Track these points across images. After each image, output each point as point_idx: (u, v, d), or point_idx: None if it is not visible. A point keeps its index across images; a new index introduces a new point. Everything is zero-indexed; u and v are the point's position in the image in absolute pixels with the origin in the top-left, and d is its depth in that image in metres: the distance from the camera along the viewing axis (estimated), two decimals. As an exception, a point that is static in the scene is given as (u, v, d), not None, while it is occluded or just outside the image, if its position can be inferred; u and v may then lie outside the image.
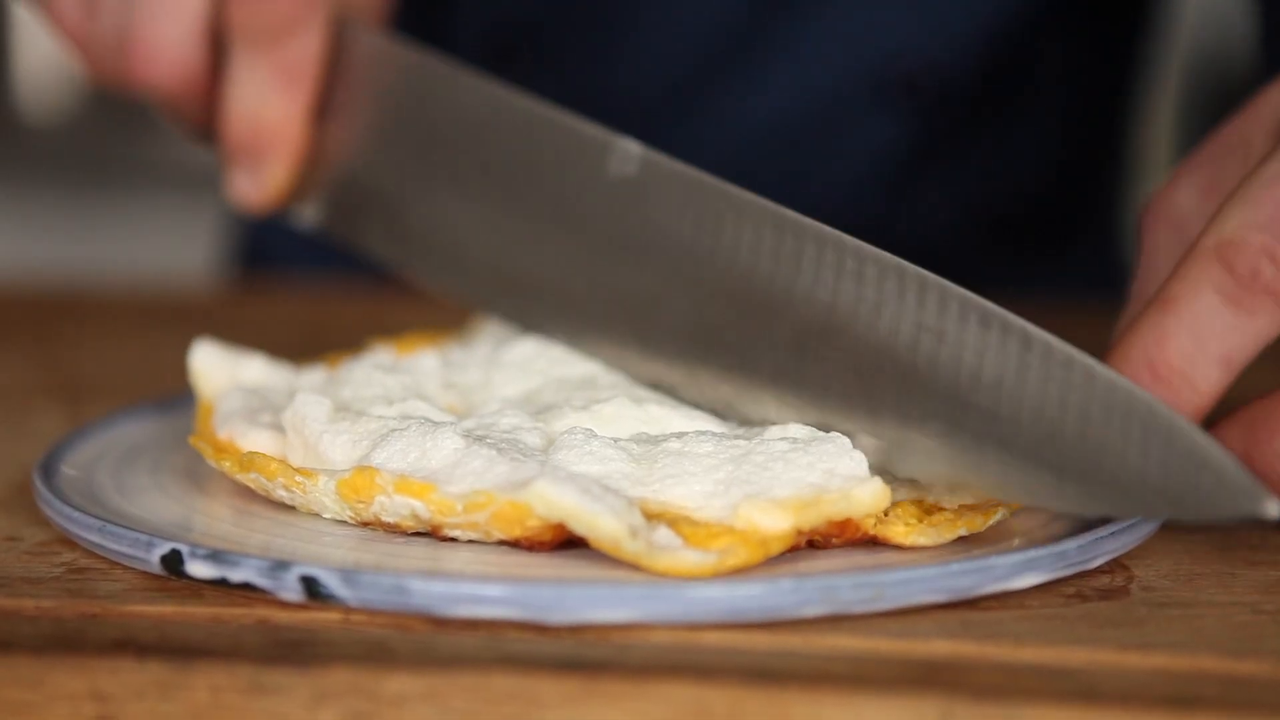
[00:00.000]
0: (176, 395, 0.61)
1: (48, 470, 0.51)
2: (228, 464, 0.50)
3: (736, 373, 0.50)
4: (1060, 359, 0.43)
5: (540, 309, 0.56)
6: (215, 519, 0.49)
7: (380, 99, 0.62)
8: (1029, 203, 0.94)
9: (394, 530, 0.47)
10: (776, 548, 0.44)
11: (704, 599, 0.41)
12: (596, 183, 0.53)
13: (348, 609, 0.42)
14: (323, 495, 0.48)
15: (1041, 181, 0.95)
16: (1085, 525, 0.47)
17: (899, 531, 0.46)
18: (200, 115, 0.65)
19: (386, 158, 0.61)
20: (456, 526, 0.46)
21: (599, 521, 0.43)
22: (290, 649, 0.41)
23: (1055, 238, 0.96)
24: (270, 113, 0.62)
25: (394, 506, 0.46)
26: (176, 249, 1.81)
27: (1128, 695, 0.39)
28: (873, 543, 0.46)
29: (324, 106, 0.63)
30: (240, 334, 0.66)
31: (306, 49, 0.62)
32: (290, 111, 0.62)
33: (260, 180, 0.64)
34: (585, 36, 0.88)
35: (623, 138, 0.53)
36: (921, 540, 0.46)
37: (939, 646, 0.41)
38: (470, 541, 0.46)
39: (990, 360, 0.44)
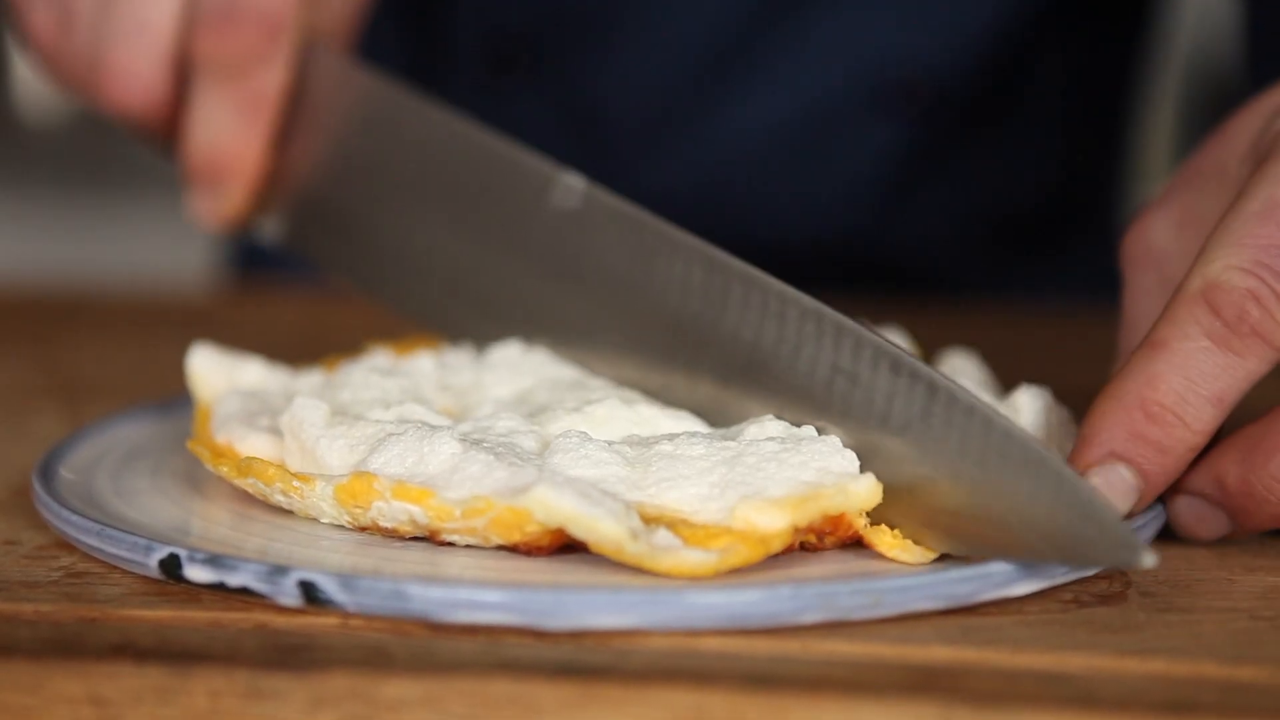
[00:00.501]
0: (175, 397, 0.61)
1: (46, 473, 0.51)
2: (226, 469, 0.50)
3: (664, 400, 0.53)
4: (963, 407, 0.45)
5: (486, 329, 0.58)
6: (214, 523, 0.49)
7: (340, 122, 0.63)
8: (1029, 206, 0.94)
9: (391, 535, 0.47)
10: (776, 545, 0.44)
11: (703, 605, 0.41)
12: (540, 213, 0.56)
13: (346, 614, 0.42)
14: (320, 500, 0.48)
15: (1042, 184, 0.95)
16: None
17: (885, 541, 0.46)
18: (164, 136, 0.66)
19: (344, 178, 0.63)
20: (454, 531, 0.46)
21: (600, 525, 0.43)
22: (288, 654, 0.41)
23: (1055, 239, 0.96)
24: (230, 141, 0.64)
25: (392, 511, 0.46)
26: (175, 251, 1.81)
27: (1126, 701, 0.39)
28: (860, 545, 0.46)
29: (286, 127, 0.65)
30: (240, 337, 0.66)
31: (270, 81, 0.63)
32: (250, 141, 0.64)
33: (219, 203, 0.65)
34: (584, 43, 0.88)
35: (567, 172, 0.55)
36: (903, 556, 0.45)
37: (938, 652, 0.41)
38: (468, 546, 0.46)
39: (899, 405, 0.46)
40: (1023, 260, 0.95)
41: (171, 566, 0.44)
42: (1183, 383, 0.46)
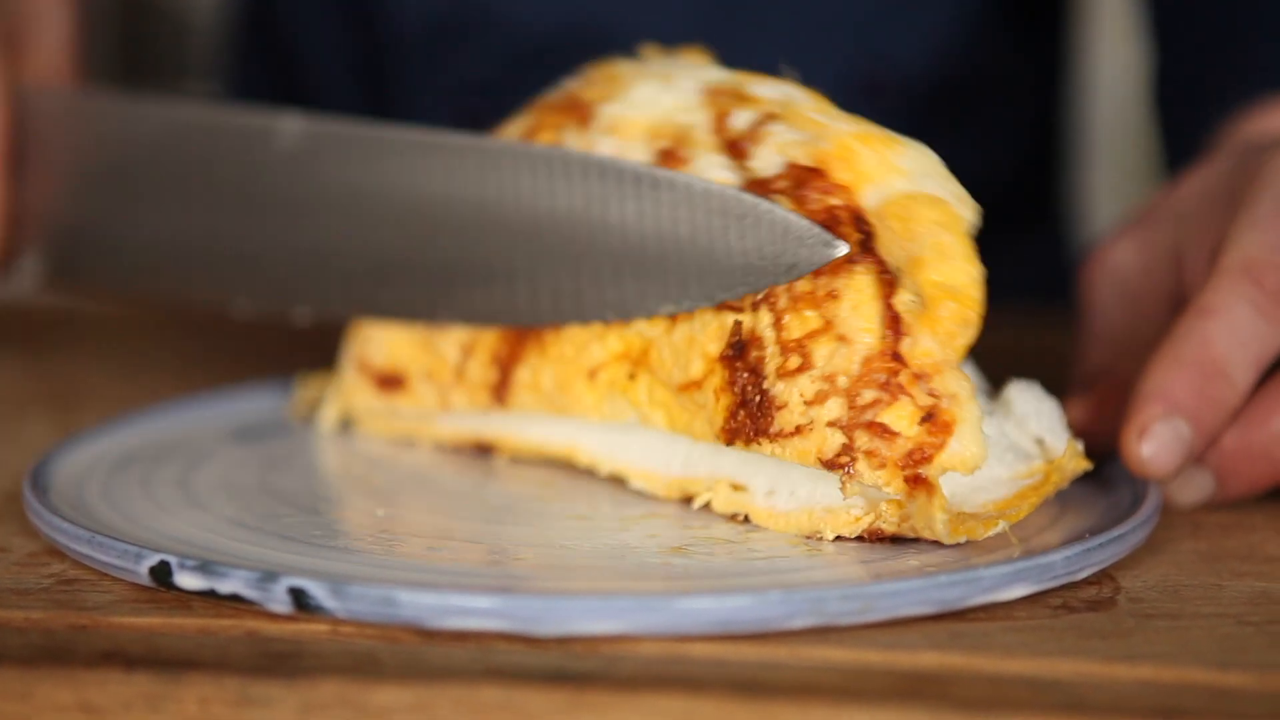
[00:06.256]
0: (166, 405, 0.61)
1: (38, 481, 0.51)
2: None
3: (414, 285, 0.56)
4: (664, 182, 0.51)
5: (244, 287, 0.61)
6: (204, 530, 0.49)
7: (75, 147, 0.66)
8: (990, 195, 0.95)
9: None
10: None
11: (692, 610, 0.42)
12: (270, 161, 0.59)
13: (336, 621, 0.42)
14: None
15: (1001, 175, 0.96)
16: (1074, 537, 0.47)
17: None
18: None
19: (92, 199, 0.65)
20: None
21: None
22: (278, 661, 0.41)
23: (1012, 230, 0.97)
24: None
25: None
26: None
27: (1114, 707, 0.39)
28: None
29: (23, 166, 0.67)
30: (237, 341, 0.66)
31: None
32: None
33: None
34: (551, 79, 0.89)
35: (283, 117, 0.58)
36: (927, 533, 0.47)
37: (926, 658, 0.41)
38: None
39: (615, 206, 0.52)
40: (983, 250, 0.95)
41: (162, 573, 0.44)
42: (1232, 345, 0.50)
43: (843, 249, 0.48)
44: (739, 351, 0.49)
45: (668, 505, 0.52)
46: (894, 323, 0.47)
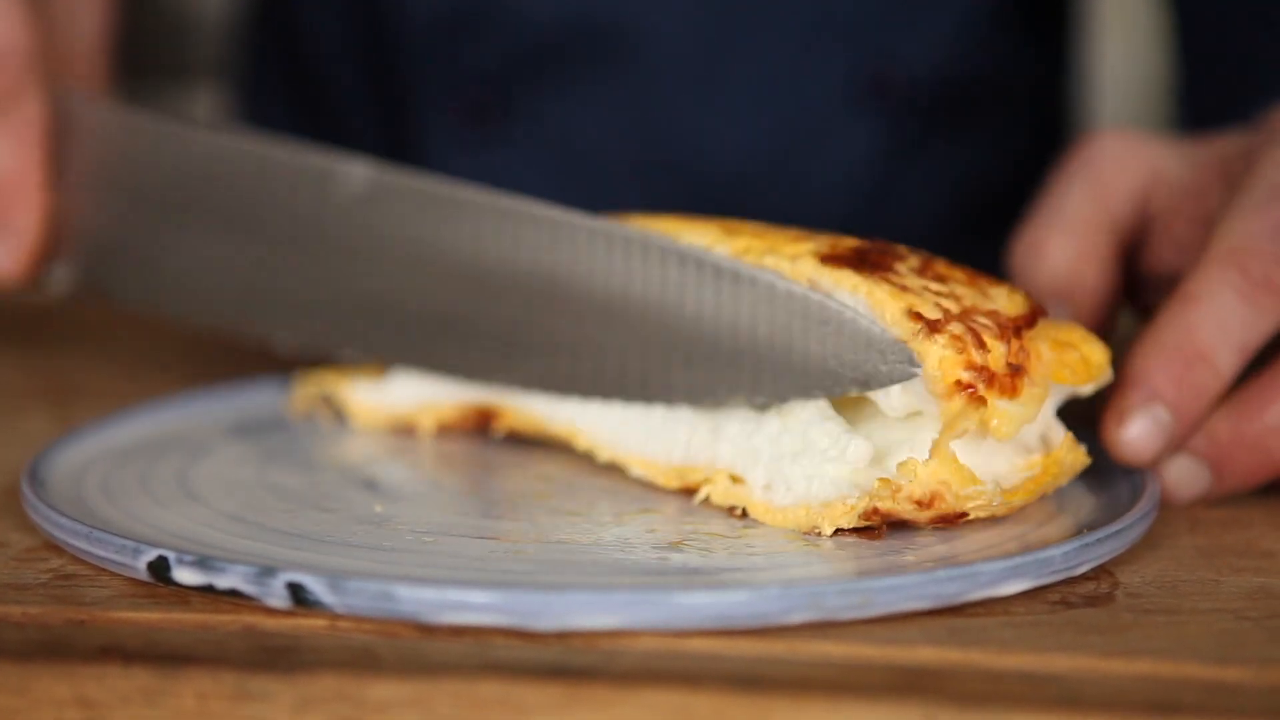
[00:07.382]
0: (165, 400, 0.61)
1: (35, 475, 0.51)
2: None
3: (473, 347, 0.56)
4: (746, 278, 0.50)
5: (290, 324, 0.60)
6: (203, 525, 0.49)
7: (111, 160, 0.65)
8: (996, 193, 0.95)
9: None
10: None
11: (689, 605, 0.42)
12: (327, 206, 0.58)
13: (334, 615, 0.42)
14: None
15: (1010, 172, 0.96)
16: (1072, 532, 0.47)
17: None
18: None
19: (130, 214, 0.64)
20: None
21: None
22: (276, 655, 0.41)
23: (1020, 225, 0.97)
24: (11, 170, 0.65)
25: None
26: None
27: (1111, 702, 0.39)
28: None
29: (60, 170, 0.66)
30: (229, 338, 0.66)
31: (32, 110, 0.65)
32: (30, 168, 0.65)
33: (11, 245, 0.66)
34: (557, 82, 0.88)
35: (349, 161, 0.57)
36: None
37: (924, 653, 0.41)
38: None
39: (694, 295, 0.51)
40: (986, 249, 0.96)
41: (160, 569, 0.44)
42: (1215, 331, 0.50)
43: (920, 370, 0.47)
44: (881, 249, 0.51)
45: (665, 501, 0.52)
46: (1030, 316, 0.49)
